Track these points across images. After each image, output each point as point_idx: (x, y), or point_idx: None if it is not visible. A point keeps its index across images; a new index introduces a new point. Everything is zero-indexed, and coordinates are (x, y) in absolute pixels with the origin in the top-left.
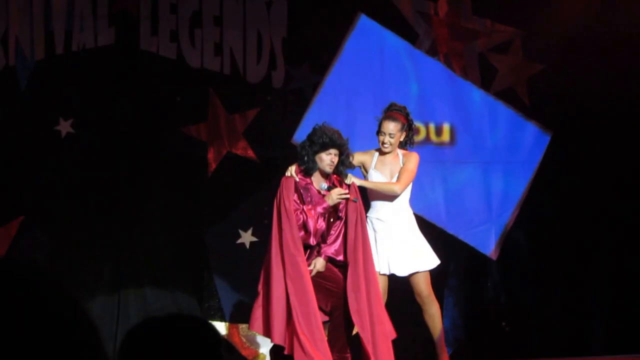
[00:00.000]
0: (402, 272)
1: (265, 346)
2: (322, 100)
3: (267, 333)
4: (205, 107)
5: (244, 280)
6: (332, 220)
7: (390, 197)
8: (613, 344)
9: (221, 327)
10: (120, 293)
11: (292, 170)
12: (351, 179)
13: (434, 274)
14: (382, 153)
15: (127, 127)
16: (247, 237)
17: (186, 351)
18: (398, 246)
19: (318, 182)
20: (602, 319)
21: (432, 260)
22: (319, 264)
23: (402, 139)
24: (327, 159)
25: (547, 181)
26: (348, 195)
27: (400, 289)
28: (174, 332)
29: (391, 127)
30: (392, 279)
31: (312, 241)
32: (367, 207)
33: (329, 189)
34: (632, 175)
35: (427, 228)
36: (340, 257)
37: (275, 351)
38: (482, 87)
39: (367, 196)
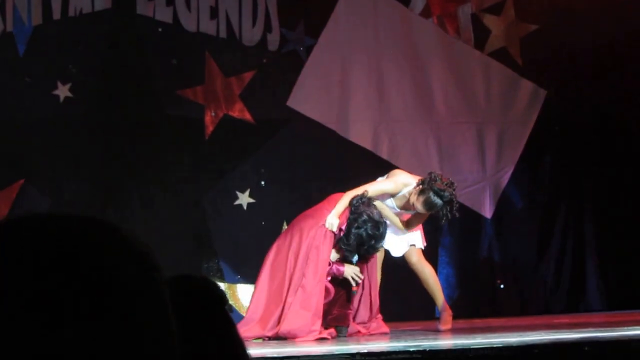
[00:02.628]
0: (396, 253)
1: None
2: (316, 63)
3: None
4: (201, 70)
5: (242, 241)
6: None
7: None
8: (608, 301)
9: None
10: None
11: (334, 225)
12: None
13: (428, 232)
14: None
15: (125, 90)
16: (244, 199)
17: (193, 309)
18: (394, 229)
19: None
20: (597, 276)
21: (419, 240)
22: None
23: None
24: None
25: (541, 140)
26: (359, 280)
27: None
28: (181, 291)
29: (425, 212)
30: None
31: None
32: None
33: (354, 263)
34: (626, 132)
35: None
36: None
37: None
38: (475, 47)
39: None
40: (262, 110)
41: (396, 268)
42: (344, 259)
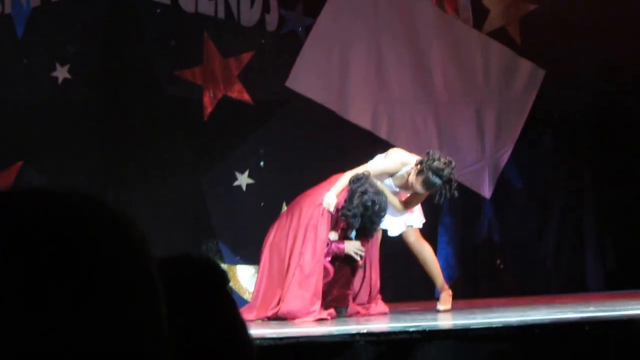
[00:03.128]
0: (392, 233)
1: None
2: (315, 43)
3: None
4: (200, 51)
5: (241, 222)
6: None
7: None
8: (607, 281)
9: None
10: None
11: (331, 205)
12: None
13: (428, 213)
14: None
15: (123, 72)
16: (243, 180)
17: (196, 289)
18: (392, 209)
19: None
20: (597, 256)
21: (417, 220)
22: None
23: None
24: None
25: (540, 120)
26: (362, 254)
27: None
28: (183, 270)
29: (423, 192)
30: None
31: None
32: None
33: (353, 238)
34: (625, 111)
35: None
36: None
37: None
38: (474, 27)
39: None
40: (261, 90)
41: (395, 248)
42: (344, 236)
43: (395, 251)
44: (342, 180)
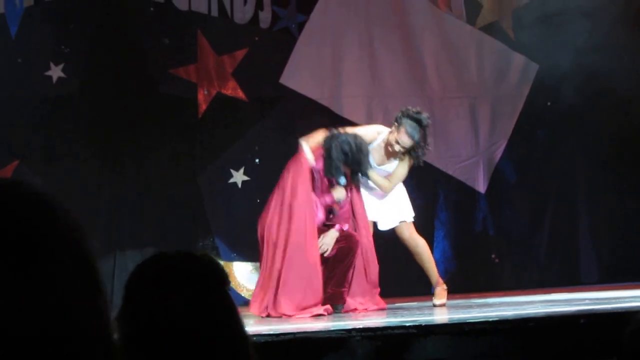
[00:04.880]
0: (383, 227)
1: None
2: (308, 39)
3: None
4: (194, 48)
5: (237, 219)
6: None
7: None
8: (602, 274)
9: None
10: (116, 231)
11: (310, 156)
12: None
13: (424, 207)
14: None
15: (117, 70)
16: (239, 177)
17: (195, 288)
18: (381, 202)
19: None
20: (591, 249)
21: (409, 214)
22: (330, 236)
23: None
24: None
25: (534, 114)
26: (325, 248)
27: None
28: (186, 268)
29: (408, 142)
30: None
31: None
32: None
33: (345, 185)
34: (618, 103)
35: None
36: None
37: None
38: (467, 22)
39: None
40: (255, 87)
41: (391, 244)
42: (330, 183)
43: (391, 247)
44: (315, 137)
